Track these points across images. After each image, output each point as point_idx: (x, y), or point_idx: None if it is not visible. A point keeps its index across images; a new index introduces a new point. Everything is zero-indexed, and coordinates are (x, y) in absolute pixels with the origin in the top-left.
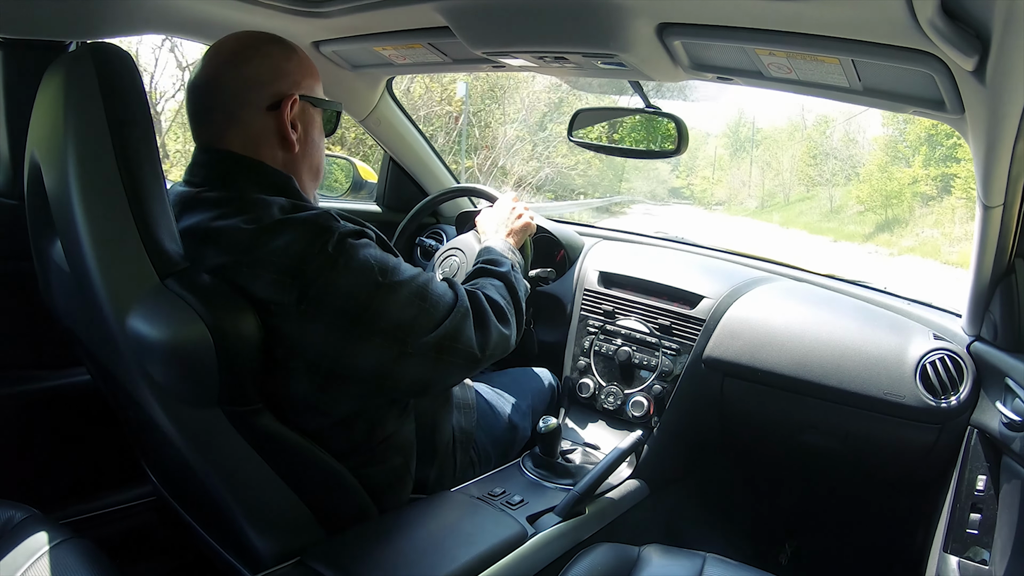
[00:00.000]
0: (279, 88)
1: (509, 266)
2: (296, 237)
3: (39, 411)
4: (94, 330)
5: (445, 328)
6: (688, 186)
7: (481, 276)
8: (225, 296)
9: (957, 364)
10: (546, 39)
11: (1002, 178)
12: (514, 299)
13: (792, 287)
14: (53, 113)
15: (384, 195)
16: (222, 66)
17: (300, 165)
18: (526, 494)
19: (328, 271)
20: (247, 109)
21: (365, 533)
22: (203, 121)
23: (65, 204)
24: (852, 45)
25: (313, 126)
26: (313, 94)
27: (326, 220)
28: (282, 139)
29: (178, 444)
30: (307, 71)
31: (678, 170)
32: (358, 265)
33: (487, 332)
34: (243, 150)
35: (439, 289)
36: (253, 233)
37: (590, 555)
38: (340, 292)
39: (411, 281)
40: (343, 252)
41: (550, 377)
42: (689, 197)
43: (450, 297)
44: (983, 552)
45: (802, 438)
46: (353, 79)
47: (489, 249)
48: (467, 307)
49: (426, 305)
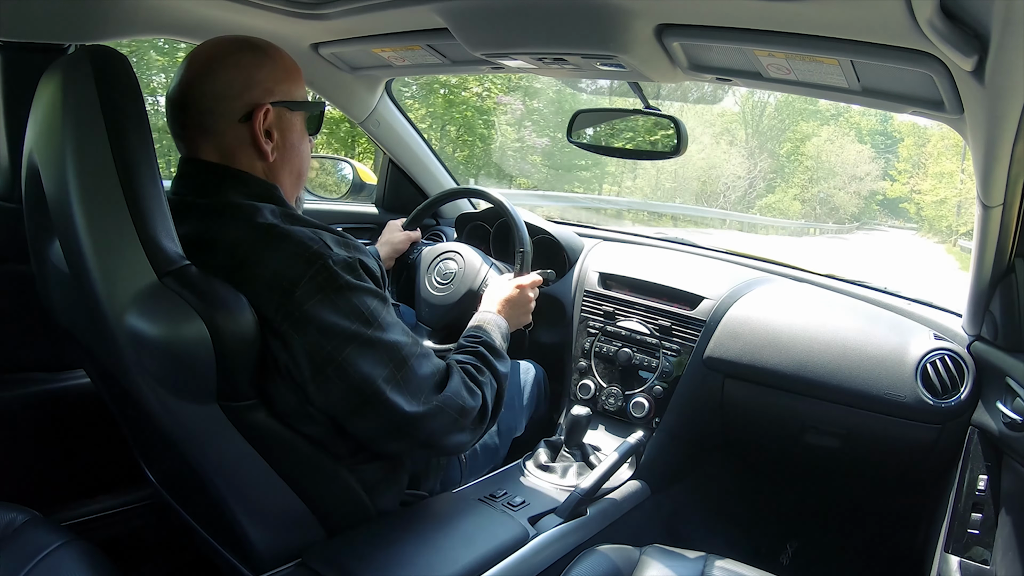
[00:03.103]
0: (250, 99)
1: (507, 365)
2: (288, 258)
3: (39, 414)
4: (93, 329)
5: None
6: (913, 196)
7: (479, 359)
8: (222, 293)
9: (958, 364)
10: (545, 40)
11: (1001, 178)
12: (498, 401)
13: (792, 287)
14: (51, 115)
15: (383, 197)
16: (194, 80)
17: (280, 172)
18: (527, 495)
19: (313, 304)
20: (220, 122)
21: (366, 534)
22: (181, 135)
23: (64, 204)
24: (851, 46)
25: (292, 131)
26: (290, 97)
27: (320, 247)
28: (258, 149)
29: (177, 442)
30: (281, 75)
31: (893, 167)
32: (342, 308)
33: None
34: (223, 161)
35: (422, 365)
36: (248, 243)
37: (591, 556)
38: (320, 327)
39: (393, 342)
40: (330, 287)
41: (536, 371)
42: (916, 220)
43: (432, 379)
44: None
45: (803, 438)
46: (352, 81)
47: (490, 333)
48: (457, 406)
49: (399, 374)
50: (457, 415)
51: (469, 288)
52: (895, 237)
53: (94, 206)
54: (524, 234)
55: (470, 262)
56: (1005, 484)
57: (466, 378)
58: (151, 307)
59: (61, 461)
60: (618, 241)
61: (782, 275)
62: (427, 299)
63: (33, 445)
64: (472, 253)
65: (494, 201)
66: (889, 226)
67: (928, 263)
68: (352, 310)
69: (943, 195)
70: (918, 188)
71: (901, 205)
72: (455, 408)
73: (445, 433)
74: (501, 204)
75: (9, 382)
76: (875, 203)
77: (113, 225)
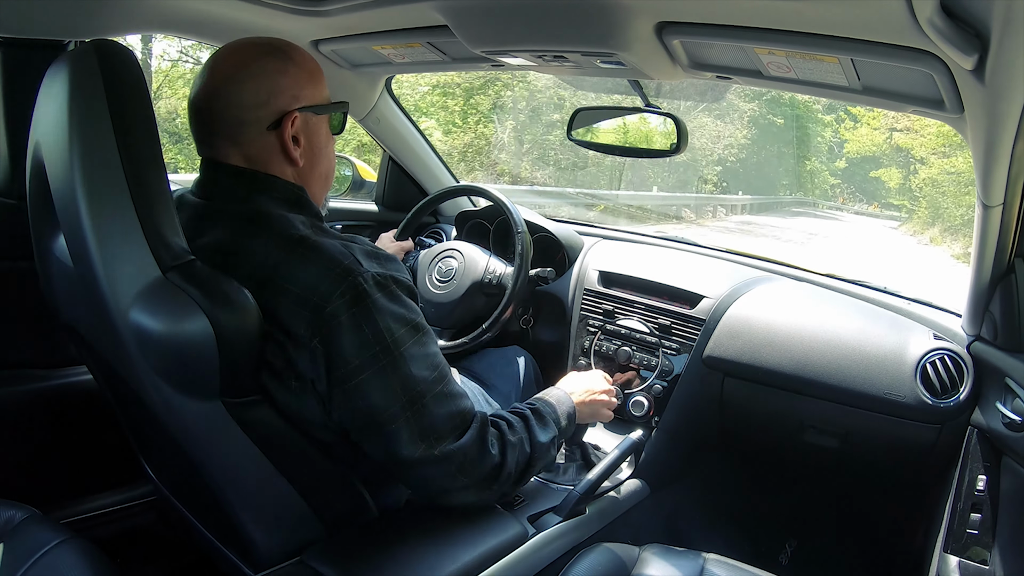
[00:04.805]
0: (277, 106)
1: (552, 436)
2: (319, 272)
3: (39, 411)
4: (96, 324)
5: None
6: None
7: (520, 418)
8: (226, 288)
9: (957, 364)
10: (545, 38)
11: (1002, 178)
12: (527, 469)
13: (792, 286)
14: (57, 109)
15: (384, 195)
16: (220, 88)
17: (309, 176)
18: (526, 494)
19: (341, 322)
20: (248, 131)
21: (365, 533)
22: (207, 143)
23: (69, 198)
24: (851, 44)
25: (318, 134)
26: (315, 101)
27: (351, 262)
28: (287, 156)
29: (179, 439)
30: (305, 79)
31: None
32: (367, 330)
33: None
34: (250, 166)
35: (441, 406)
36: (277, 255)
37: (590, 555)
38: (343, 347)
39: (410, 376)
40: (359, 306)
41: (527, 359)
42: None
43: (449, 423)
44: (983, 552)
45: (802, 438)
46: (352, 78)
47: (551, 404)
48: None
49: (409, 411)
50: (458, 469)
51: (474, 281)
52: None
53: (99, 200)
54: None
55: (470, 256)
56: (1004, 484)
57: (492, 432)
58: (155, 302)
59: (60, 458)
60: (618, 239)
61: (782, 274)
62: (430, 299)
63: (33, 442)
64: (471, 248)
65: (492, 198)
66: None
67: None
68: (375, 334)
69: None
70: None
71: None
72: (458, 460)
73: (441, 485)
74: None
75: (9, 379)
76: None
77: (118, 219)
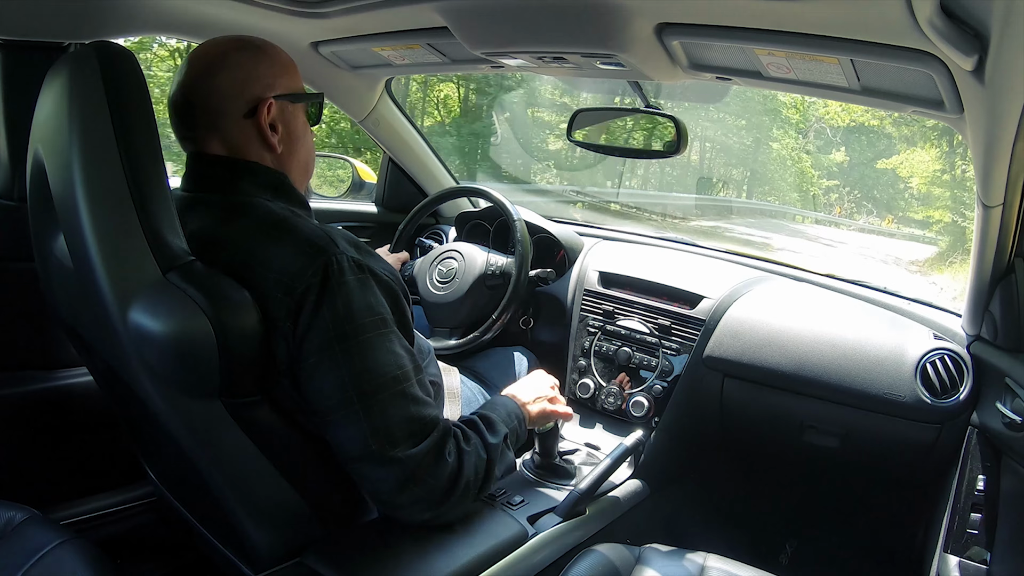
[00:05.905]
0: (252, 94)
1: (503, 434)
2: (294, 253)
3: (39, 411)
4: (96, 325)
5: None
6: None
7: (470, 426)
8: (226, 289)
9: (957, 364)
10: (545, 39)
11: (1001, 178)
12: (487, 475)
13: (792, 287)
14: (57, 110)
15: (383, 196)
16: (196, 80)
17: (289, 162)
18: (526, 494)
19: (312, 300)
20: (227, 119)
21: (365, 533)
22: (189, 137)
23: (69, 199)
24: (851, 45)
25: (295, 122)
26: (290, 90)
27: (326, 242)
28: (265, 142)
29: (179, 439)
30: (279, 70)
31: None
32: (336, 308)
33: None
34: (233, 154)
35: (396, 406)
36: (255, 239)
37: (590, 555)
38: (310, 325)
39: (366, 369)
40: (330, 283)
41: (529, 358)
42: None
43: (404, 428)
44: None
45: (802, 438)
46: (352, 79)
47: (496, 408)
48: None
49: (357, 406)
50: (409, 477)
51: (476, 276)
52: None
53: (99, 201)
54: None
55: (470, 255)
56: (1004, 484)
57: (451, 441)
58: (155, 303)
59: (60, 459)
60: (618, 240)
61: (782, 275)
62: (433, 301)
63: (32, 443)
64: (470, 247)
65: (492, 199)
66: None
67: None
68: (335, 318)
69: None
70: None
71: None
72: (410, 468)
73: (390, 491)
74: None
75: (8, 379)
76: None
77: (118, 220)
